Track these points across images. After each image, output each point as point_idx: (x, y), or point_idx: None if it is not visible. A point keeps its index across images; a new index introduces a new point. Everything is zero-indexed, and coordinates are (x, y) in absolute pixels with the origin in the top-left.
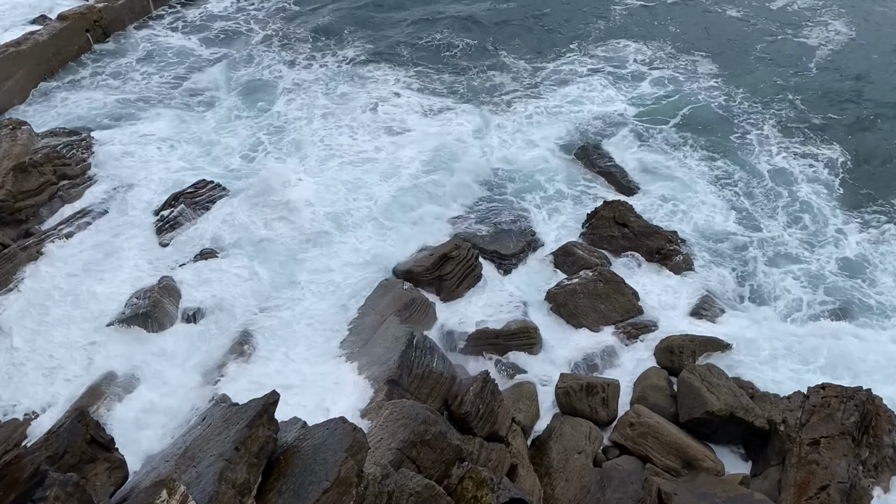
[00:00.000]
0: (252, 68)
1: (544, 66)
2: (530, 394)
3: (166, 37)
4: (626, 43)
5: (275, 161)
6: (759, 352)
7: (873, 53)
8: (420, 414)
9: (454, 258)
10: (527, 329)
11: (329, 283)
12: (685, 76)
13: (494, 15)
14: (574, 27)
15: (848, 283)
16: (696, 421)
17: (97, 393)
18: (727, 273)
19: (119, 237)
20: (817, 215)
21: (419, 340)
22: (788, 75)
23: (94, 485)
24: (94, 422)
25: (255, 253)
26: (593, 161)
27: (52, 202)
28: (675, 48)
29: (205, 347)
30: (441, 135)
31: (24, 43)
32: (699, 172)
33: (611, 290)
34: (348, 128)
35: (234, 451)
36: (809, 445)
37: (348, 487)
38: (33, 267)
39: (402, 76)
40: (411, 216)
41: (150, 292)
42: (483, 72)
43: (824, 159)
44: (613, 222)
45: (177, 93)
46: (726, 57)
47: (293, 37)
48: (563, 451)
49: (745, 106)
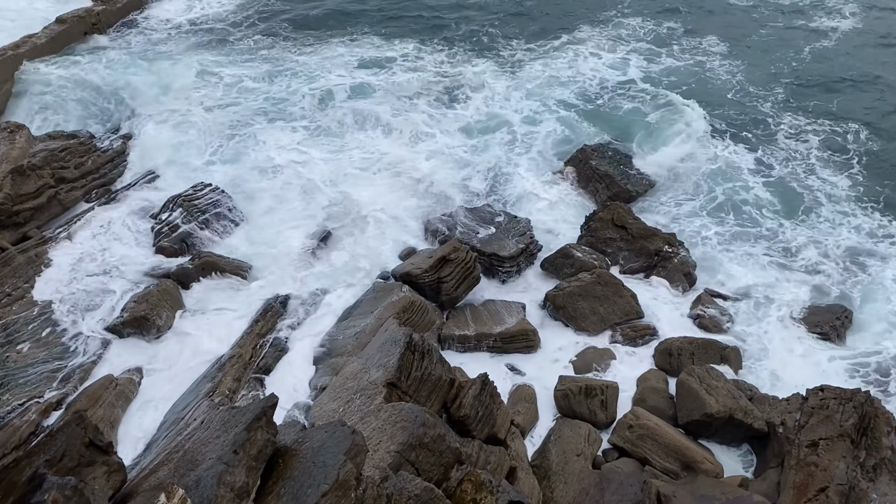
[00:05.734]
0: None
1: (547, 46)
2: (529, 396)
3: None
4: (637, 22)
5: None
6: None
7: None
8: (419, 417)
9: (453, 260)
10: (525, 331)
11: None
12: (695, 56)
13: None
14: (579, 11)
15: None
16: (695, 423)
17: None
18: (727, 273)
19: (118, 239)
20: (827, 215)
21: (418, 343)
22: (798, 58)
23: (93, 488)
24: (92, 425)
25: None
26: (592, 163)
27: (50, 205)
28: (686, 30)
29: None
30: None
31: (22, 46)
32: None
33: (610, 293)
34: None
35: (233, 455)
36: (808, 447)
37: (347, 491)
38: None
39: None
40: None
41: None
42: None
43: (839, 152)
44: (612, 224)
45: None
46: (736, 40)
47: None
48: (562, 453)
49: (757, 91)
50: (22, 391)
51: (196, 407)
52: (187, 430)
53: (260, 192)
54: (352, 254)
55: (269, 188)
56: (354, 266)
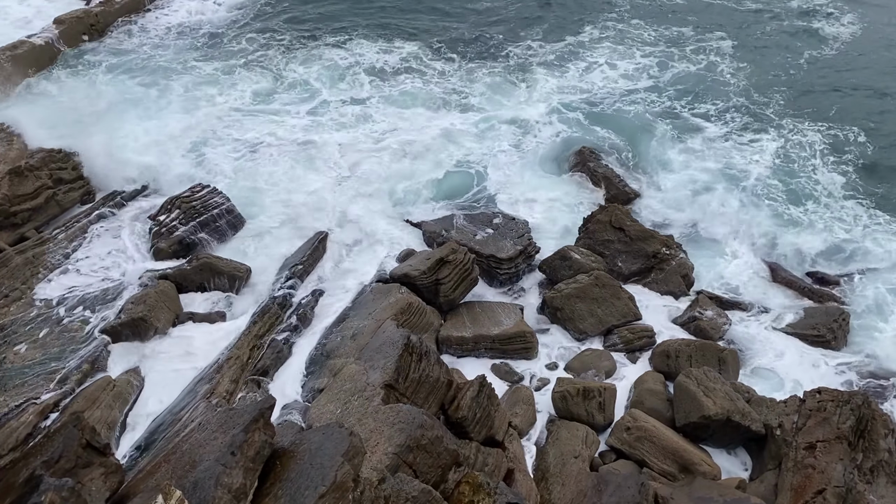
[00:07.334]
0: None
1: (560, 46)
2: (527, 398)
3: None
4: (641, 25)
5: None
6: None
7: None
8: (417, 418)
9: (451, 262)
10: (523, 333)
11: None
12: (700, 61)
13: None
14: (589, 12)
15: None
16: (693, 425)
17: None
18: (726, 276)
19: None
20: (827, 217)
21: (416, 344)
22: (808, 63)
23: (90, 490)
24: (89, 426)
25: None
26: (590, 165)
27: (48, 206)
28: (693, 33)
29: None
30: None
31: (20, 47)
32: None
33: (608, 295)
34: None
35: (231, 456)
36: (806, 449)
37: (344, 492)
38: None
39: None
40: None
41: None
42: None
43: (841, 154)
44: (610, 226)
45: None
46: (741, 44)
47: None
48: (559, 455)
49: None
50: (19, 392)
51: (194, 408)
52: (185, 432)
53: (259, 193)
54: (350, 254)
55: (269, 189)
56: (353, 267)
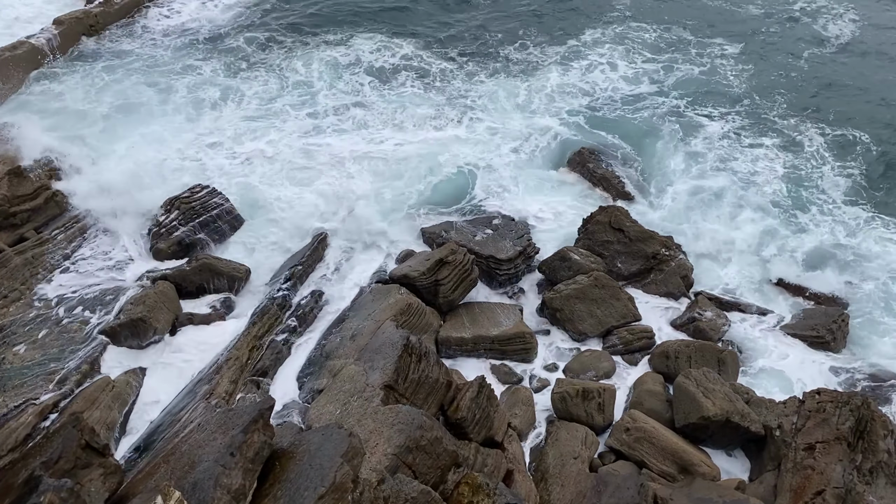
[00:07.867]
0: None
1: (561, 47)
2: (526, 399)
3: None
4: (644, 26)
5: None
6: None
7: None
8: (416, 419)
9: (450, 263)
10: (522, 334)
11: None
12: (703, 63)
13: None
14: (590, 13)
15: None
16: (692, 426)
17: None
18: (725, 277)
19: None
20: (828, 219)
21: (415, 345)
22: (809, 65)
23: (89, 490)
24: (89, 427)
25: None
26: (590, 166)
27: (47, 207)
28: (696, 34)
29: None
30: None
31: (19, 47)
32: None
33: (607, 295)
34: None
35: (230, 457)
36: (805, 450)
37: (344, 493)
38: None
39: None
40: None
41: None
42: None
43: (843, 156)
44: (609, 227)
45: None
46: (747, 45)
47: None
48: (559, 456)
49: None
50: (18, 393)
51: (193, 409)
52: (184, 433)
53: (258, 193)
54: (350, 255)
55: (269, 190)
56: (352, 268)
